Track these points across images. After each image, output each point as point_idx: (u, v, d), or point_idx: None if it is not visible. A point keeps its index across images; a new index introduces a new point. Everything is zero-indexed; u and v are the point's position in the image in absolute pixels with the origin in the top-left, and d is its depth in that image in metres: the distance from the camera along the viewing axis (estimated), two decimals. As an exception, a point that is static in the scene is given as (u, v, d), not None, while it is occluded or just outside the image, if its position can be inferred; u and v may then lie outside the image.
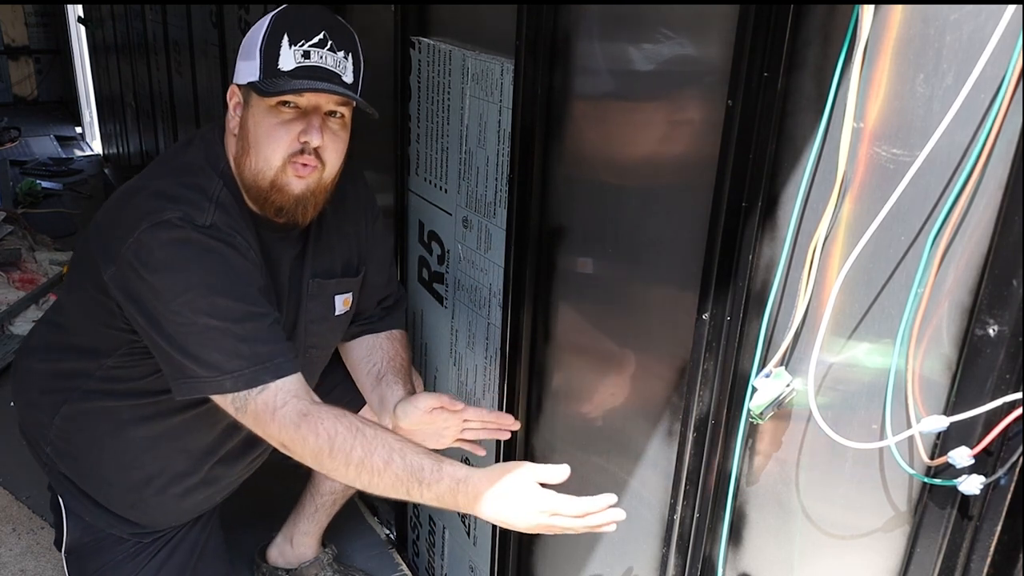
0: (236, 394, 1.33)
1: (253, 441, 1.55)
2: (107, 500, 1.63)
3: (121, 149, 5.50)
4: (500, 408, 1.66)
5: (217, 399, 1.36)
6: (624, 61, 1.26)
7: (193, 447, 1.59)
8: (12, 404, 1.78)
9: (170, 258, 1.32)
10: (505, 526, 1.27)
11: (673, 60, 1.17)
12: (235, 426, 1.43)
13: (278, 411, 1.32)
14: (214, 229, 1.35)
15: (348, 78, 1.38)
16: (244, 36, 1.43)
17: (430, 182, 1.80)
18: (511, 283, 1.54)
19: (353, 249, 1.66)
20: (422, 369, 2.01)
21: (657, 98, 1.23)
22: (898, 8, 0.85)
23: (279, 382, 1.33)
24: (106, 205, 1.47)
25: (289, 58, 1.33)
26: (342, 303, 1.65)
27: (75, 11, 6.73)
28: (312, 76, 1.34)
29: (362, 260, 1.68)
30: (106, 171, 5.81)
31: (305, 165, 1.38)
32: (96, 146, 6.75)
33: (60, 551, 1.70)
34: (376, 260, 1.72)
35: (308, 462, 1.34)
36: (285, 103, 1.36)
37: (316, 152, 1.38)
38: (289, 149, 1.37)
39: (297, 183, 1.39)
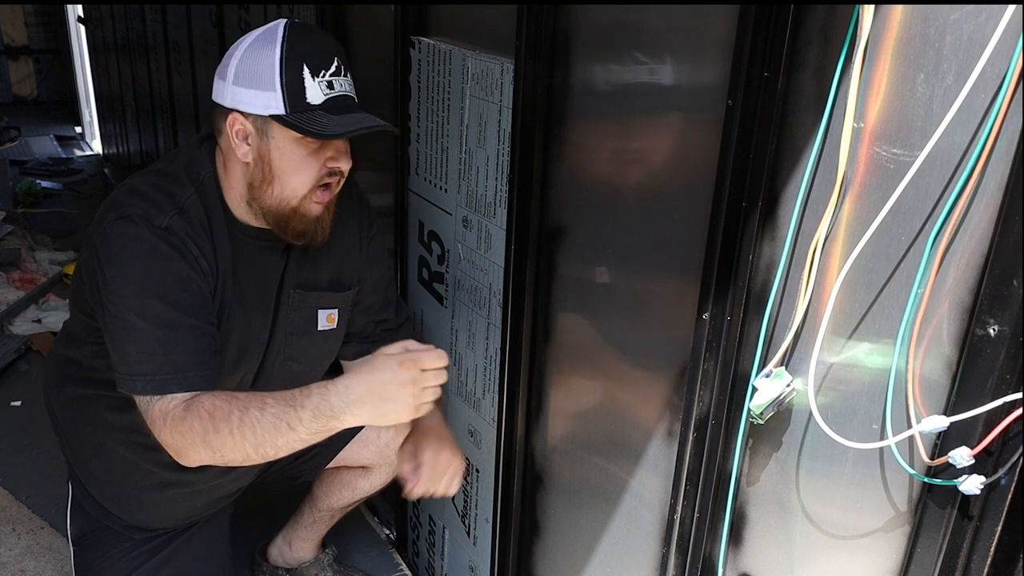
0: (141, 397, 1.39)
1: None
2: (96, 492, 1.68)
3: (121, 149, 5.50)
4: (500, 408, 1.66)
5: (135, 398, 1.41)
6: (624, 61, 1.26)
7: (157, 443, 1.60)
8: (12, 404, 1.81)
9: (120, 251, 1.38)
10: (382, 406, 1.30)
11: (673, 60, 1.18)
12: None
13: (169, 414, 1.36)
14: (168, 232, 1.39)
15: (356, 99, 1.43)
16: (242, 54, 1.38)
17: (430, 182, 1.80)
18: (511, 283, 1.54)
19: (343, 265, 1.65)
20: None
21: (657, 98, 1.23)
22: (898, 8, 0.85)
23: (182, 394, 1.37)
24: None
25: (316, 91, 1.36)
26: (325, 319, 1.64)
27: (75, 11, 6.74)
28: (342, 108, 1.38)
29: (353, 278, 1.67)
30: (106, 171, 5.82)
31: (326, 188, 1.43)
32: (96, 146, 6.75)
33: (69, 543, 1.75)
34: (371, 279, 1.70)
35: (201, 453, 1.36)
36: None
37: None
38: (319, 177, 1.42)
39: (317, 208, 1.44)
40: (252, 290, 1.52)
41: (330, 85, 1.37)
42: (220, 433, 1.32)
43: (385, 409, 1.31)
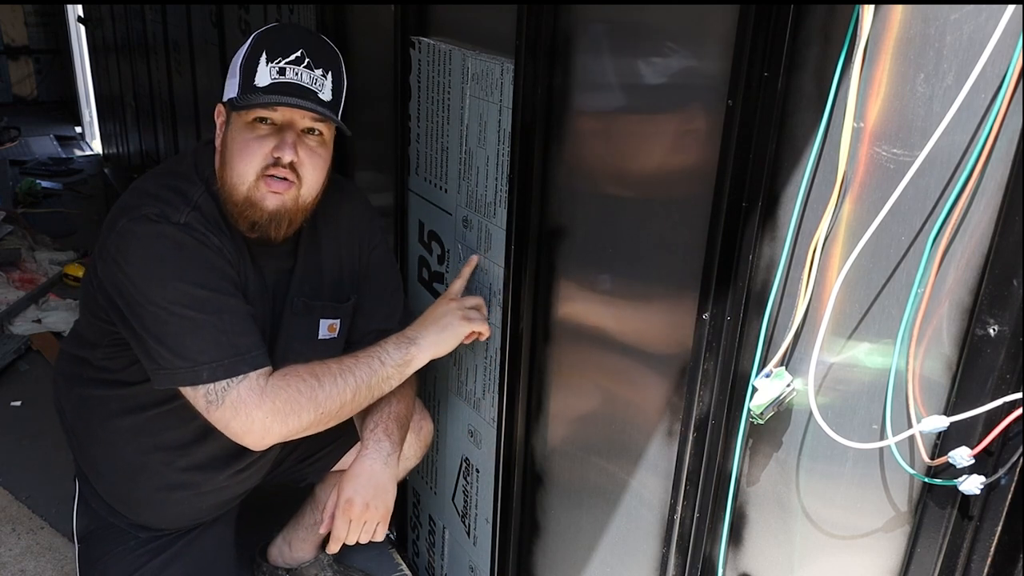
0: (211, 385, 1.38)
1: (234, 452, 1.57)
2: (104, 490, 1.68)
3: (121, 149, 5.50)
4: (500, 408, 1.66)
5: (188, 392, 1.41)
6: (624, 61, 1.26)
7: (169, 443, 1.61)
8: (12, 404, 1.82)
9: (146, 251, 1.38)
10: (437, 325, 1.58)
11: (673, 60, 1.18)
12: (209, 427, 1.45)
13: (265, 389, 1.39)
14: (188, 227, 1.40)
15: (326, 95, 1.41)
16: (244, 39, 1.45)
17: (430, 182, 1.80)
18: (511, 283, 1.54)
19: (344, 274, 1.66)
20: (423, 371, 2.00)
21: (657, 98, 1.23)
22: (898, 8, 0.85)
23: (257, 371, 1.40)
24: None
25: (264, 75, 1.37)
26: (327, 328, 1.65)
27: (75, 11, 6.73)
28: (285, 92, 1.36)
29: (353, 288, 1.68)
30: (106, 171, 5.81)
31: (281, 179, 1.40)
32: (96, 146, 6.75)
33: (74, 539, 1.75)
34: (371, 288, 1.71)
35: (302, 417, 1.41)
36: (261, 119, 1.39)
37: (292, 167, 1.41)
38: (262, 163, 1.40)
39: (272, 199, 1.42)
40: (258, 292, 1.53)
41: (281, 71, 1.37)
42: (325, 387, 1.43)
43: (441, 325, 1.58)
